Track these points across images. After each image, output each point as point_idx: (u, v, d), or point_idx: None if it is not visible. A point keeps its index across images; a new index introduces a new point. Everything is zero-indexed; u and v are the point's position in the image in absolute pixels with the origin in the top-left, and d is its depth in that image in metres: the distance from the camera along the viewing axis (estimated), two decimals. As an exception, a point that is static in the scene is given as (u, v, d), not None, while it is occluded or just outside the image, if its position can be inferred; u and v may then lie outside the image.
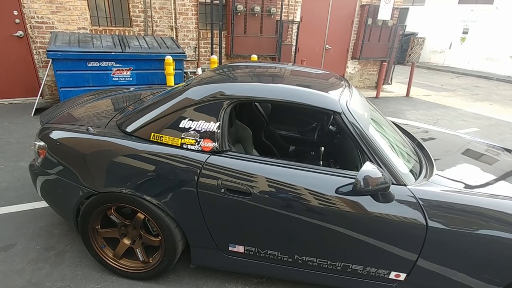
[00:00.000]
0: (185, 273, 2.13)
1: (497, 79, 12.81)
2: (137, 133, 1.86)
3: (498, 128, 6.04)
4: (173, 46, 5.41)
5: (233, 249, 1.87)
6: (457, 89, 10.16)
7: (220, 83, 1.88)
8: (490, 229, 1.57)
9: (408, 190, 1.63)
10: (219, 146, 1.74)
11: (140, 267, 2.02)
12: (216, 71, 2.24)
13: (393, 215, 1.60)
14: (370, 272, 1.78)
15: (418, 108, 7.13)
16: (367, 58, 8.44)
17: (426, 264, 1.68)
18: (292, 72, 2.21)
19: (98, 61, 4.83)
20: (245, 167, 1.70)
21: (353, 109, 1.75)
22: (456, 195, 1.64)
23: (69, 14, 5.49)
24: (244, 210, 1.72)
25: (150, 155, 1.76)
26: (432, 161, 2.00)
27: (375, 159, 1.65)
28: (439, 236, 1.60)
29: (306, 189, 1.65)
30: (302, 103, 1.74)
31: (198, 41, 6.62)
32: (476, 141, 2.71)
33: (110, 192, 1.80)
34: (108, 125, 2.02)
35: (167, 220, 1.80)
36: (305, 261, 1.82)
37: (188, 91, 1.87)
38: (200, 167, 1.71)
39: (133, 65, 5.08)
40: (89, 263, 2.15)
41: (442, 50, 15.81)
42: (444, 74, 13.67)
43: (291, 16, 7.34)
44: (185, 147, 1.76)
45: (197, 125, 1.76)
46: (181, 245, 1.91)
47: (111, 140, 1.83)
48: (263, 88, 1.82)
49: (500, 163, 2.26)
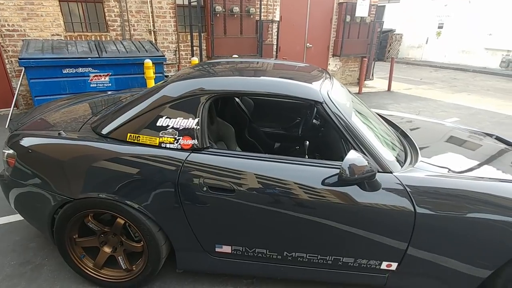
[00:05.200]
0: (171, 278, 2.04)
1: (473, 70, 13.20)
2: (113, 134, 1.77)
3: (477, 117, 6.19)
4: (152, 50, 5.30)
5: (220, 250, 1.80)
6: (436, 82, 10.40)
7: (199, 78, 1.81)
8: (478, 212, 1.56)
9: (395, 177, 1.60)
10: (199, 143, 1.67)
11: (123, 275, 1.92)
12: (195, 68, 2.18)
13: (381, 204, 1.57)
14: (361, 264, 1.74)
15: (400, 102, 7.24)
16: (347, 55, 8.52)
17: (416, 252, 1.66)
18: (273, 66, 2.18)
19: (74, 68, 4.67)
20: (227, 163, 1.63)
21: (335, 98, 1.72)
22: (442, 180, 1.63)
23: (41, 20, 5.31)
24: (228, 208, 1.65)
25: (127, 156, 1.67)
26: (416, 148, 1.99)
27: (360, 148, 1.62)
28: (428, 222, 1.58)
29: (292, 183, 1.60)
30: (283, 95, 1.70)
31: (178, 44, 6.52)
32: (459, 127, 2.74)
33: (86, 198, 1.70)
34: (82, 129, 1.92)
35: (148, 224, 1.71)
36: (294, 257, 1.76)
37: (165, 88, 1.80)
38: (180, 165, 1.63)
39: (112, 70, 4.94)
40: (68, 276, 2.03)
41: (419, 45, 16.20)
42: (422, 68, 13.99)
43: (271, 15, 7.34)
44: (164, 146, 1.69)
45: (175, 123, 1.69)
46: (165, 250, 1.82)
47: (85, 143, 1.74)
48: (243, 81, 1.77)
49: (483, 148, 2.28)
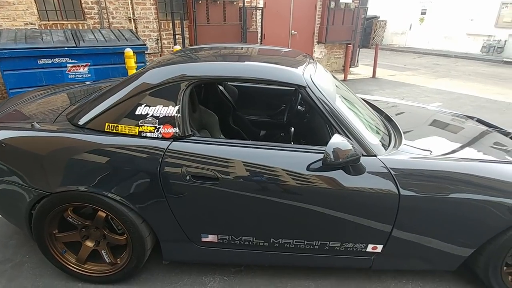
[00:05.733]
0: (158, 270, 2.01)
1: (455, 56, 13.42)
2: (90, 125, 1.69)
3: (459, 101, 6.31)
4: (133, 38, 5.12)
5: (206, 240, 1.77)
6: (419, 68, 10.53)
7: (181, 64, 1.75)
8: (460, 192, 1.59)
9: (379, 161, 1.60)
10: (180, 131, 1.62)
11: (108, 269, 1.87)
12: (176, 54, 2.12)
13: (366, 187, 1.57)
14: (347, 248, 1.75)
15: (385, 88, 7.30)
16: (332, 42, 8.49)
17: (401, 233, 1.68)
18: (258, 51, 2.14)
19: (50, 58, 4.46)
20: (210, 151, 1.59)
21: (318, 82, 1.69)
22: (425, 161, 1.64)
23: (13, 9, 5.04)
24: (213, 197, 1.62)
25: (105, 147, 1.61)
26: (400, 132, 2.00)
27: (344, 132, 1.60)
28: (411, 204, 1.59)
29: (277, 169, 1.57)
30: (266, 79, 1.66)
31: (159, 32, 6.33)
32: (442, 111, 2.78)
33: (64, 192, 1.64)
34: (57, 120, 1.84)
35: (131, 216, 1.67)
36: (281, 243, 1.76)
37: (144, 75, 1.73)
38: (162, 155, 1.58)
39: (90, 60, 4.75)
40: (50, 272, 1.97)
41: (403, 31, 16.31)
42: (406, 55, 14.13)
43: (254, 2, 7.19)
44: (144, 135, 1.63)
45: (155, 111, 1.63)
46: (149, 242, 1.79)
47: (61, 135, 1.66)
48: (224, 66, 1.72)
49: (465, 130, 2.32)
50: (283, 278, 1.98)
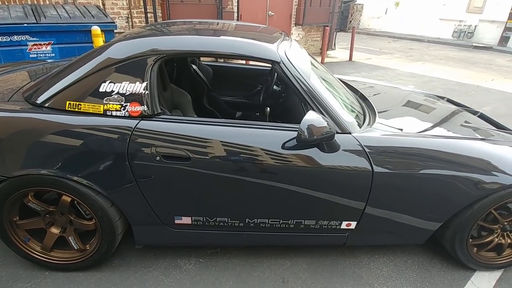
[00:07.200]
0: (131, 255, 1.95)
1: (428, 40, 13.76)
2: (49, 103, 1.56)
3: (430, 84, 6.49)
4: (100, 15, 4.81)
5: (179, 222, 1.72)
6: (394, 52, 10.72)
7: (149, 37, 1.64)
8: (429, 168, 1.62)
9: (353, 138, 1.59)
10: (149, 109, 1.53)
11: (76, 256, 1.79)
12: (146, 27, 1.99)
13: (340, 165, 1.57)
14: (322, 225, 1.76)
15: (361, 71, 7.38)
16: (310, 24, 8.42)
17: (373, 210, 1.70)
18: (233, 27, 2.06)
19: (7, 35, 4.11)
20: (181, 130, 1.52)
21: (292, 58, 1.64)
22: (397, 138, 1.66)
23: (-38, -20, 4.57)
24: (185, 177, 1.56)
25: (67, 128, 1.50)
26: (375, 110, 2.00)
27: (318, 109, 1.58)
28: (384, 181, 1.61)
29: (251, 147, 1.53)
30: (239, 54, 1.59)
31: (130, 10, 5.99)
32: (415, 91, 2.83)
33: (22, 176, 1.52)
34: (11, 99, 1.69)
35: (98, 200, 1.58)
36: (257, 223, 1.74)
37: (109, 49, 1.60)
38: (130, 134, 1.50)
39: (53, 39, 4.43)
40: (14, 261, 1.86)
41: (379, 16, 16.47)
42: (382, 39, 14.32)
43: (230, -20, 6.95)
44: (109, 114, 1.52)
45: (121, 88, 1.52)
46: (120, 226, 1.71)
47: (16, 115, 1.53)
48: (195, 40, 1.63)
49: (437, 110, 2.38)
50: (259, 258, 1.98)
